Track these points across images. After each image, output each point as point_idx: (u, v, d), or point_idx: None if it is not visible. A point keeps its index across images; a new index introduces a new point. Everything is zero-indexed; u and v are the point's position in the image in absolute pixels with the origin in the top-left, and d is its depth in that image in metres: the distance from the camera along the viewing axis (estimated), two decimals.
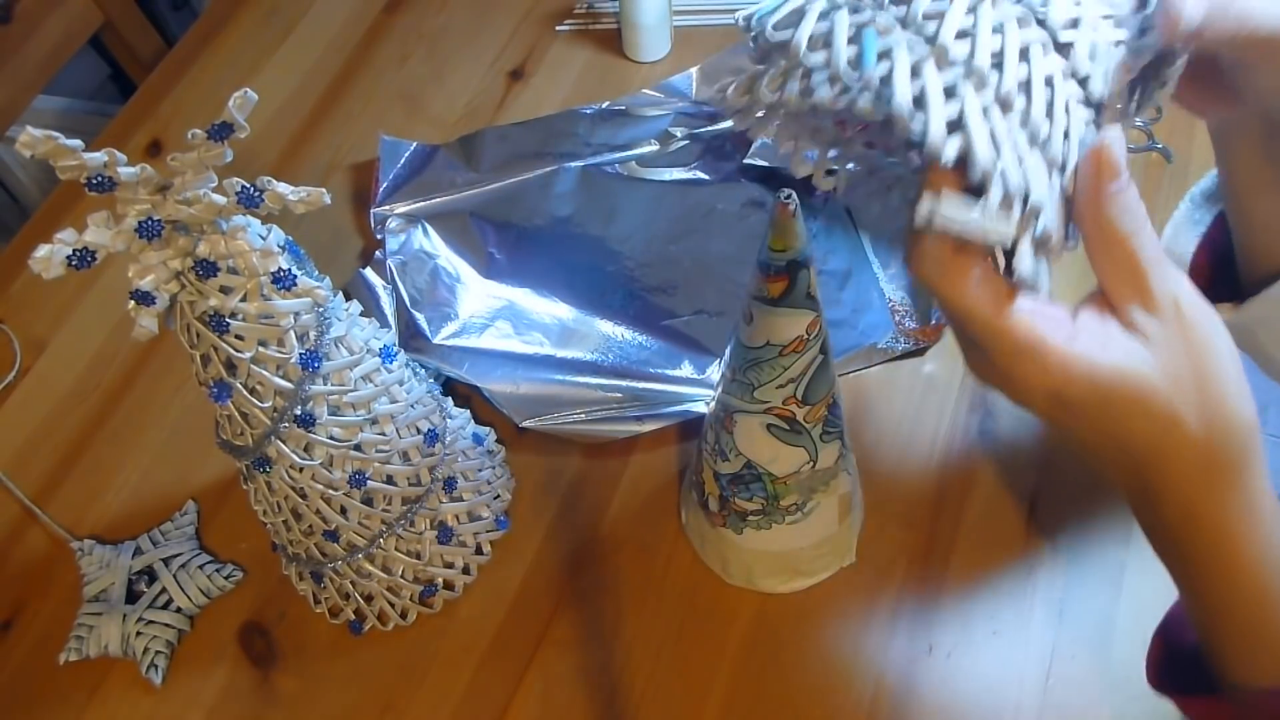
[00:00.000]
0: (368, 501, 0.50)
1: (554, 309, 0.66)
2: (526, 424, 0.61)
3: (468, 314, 0.65)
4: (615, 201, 0.70)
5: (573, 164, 0.72)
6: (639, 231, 0.69)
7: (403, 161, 0.72)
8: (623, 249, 0.68)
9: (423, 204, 0.70)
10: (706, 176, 0.71)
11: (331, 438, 0.47)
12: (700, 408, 0.60)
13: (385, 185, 0.71)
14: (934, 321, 0.63)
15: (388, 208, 0.70)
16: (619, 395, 0.62)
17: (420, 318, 0.64)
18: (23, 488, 0.63)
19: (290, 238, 0.44)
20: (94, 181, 0.36)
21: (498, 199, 0.71)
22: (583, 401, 0.61)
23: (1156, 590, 0.55)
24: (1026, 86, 0.29)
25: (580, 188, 0.71)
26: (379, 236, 0.69)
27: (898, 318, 0.64)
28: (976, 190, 0.29)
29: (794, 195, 0.39)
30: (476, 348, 0.64)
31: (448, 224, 0.69)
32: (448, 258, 0.68)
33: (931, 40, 0.28)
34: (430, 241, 0.68)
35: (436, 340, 0.64)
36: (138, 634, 0.56)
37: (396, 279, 0.66)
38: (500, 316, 0.66)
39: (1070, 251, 0.35)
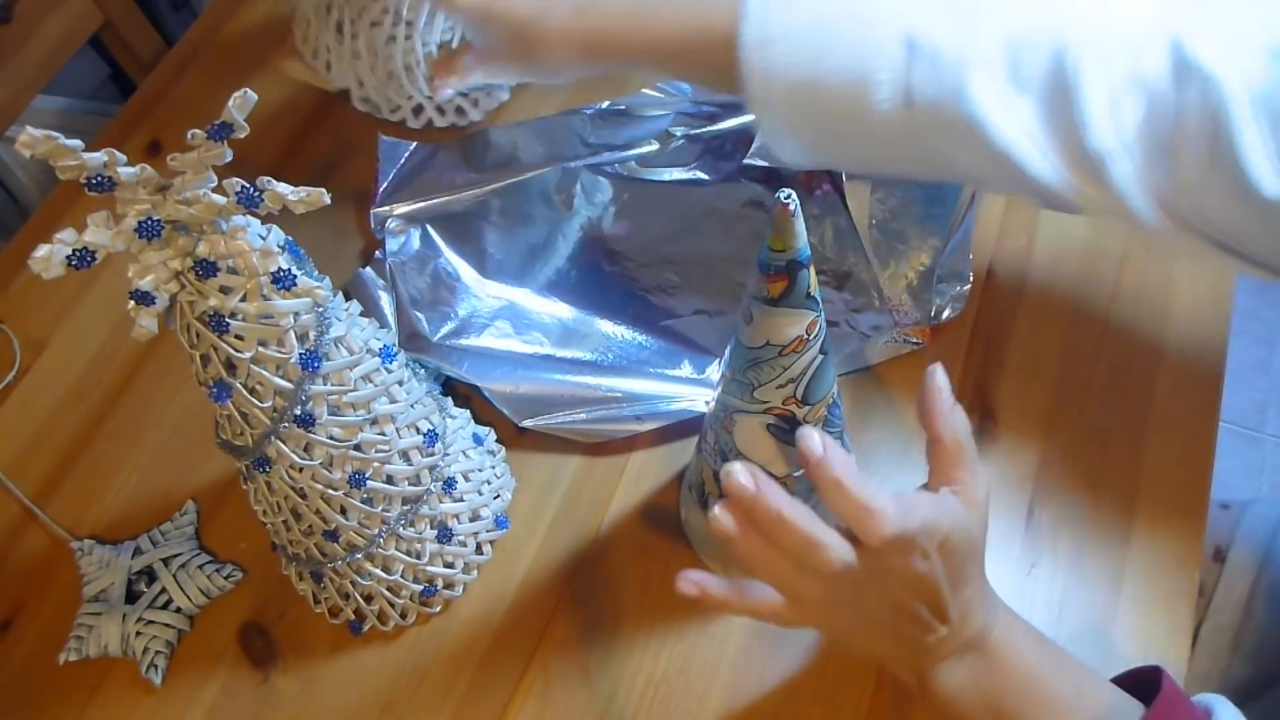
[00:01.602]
0: (368, 501, 0.50)
1: (554, 309, 0.66)
2: (526, 424, 0.61)
3: (468, 314, 0.65)
4: (615, 202, 0.70)
5: (572, 164, 0.71)
6: (639, 231, 0.69)
7: (403, 161, 0.72)
8: (623, 249, 0.68)
9: (423, 204, 0.70)
10: (706, 176, 0.71)
11: (331, 438, 0.47)
12: (700, 407, 0.60)
13: (385, 185, 0.71)
14: (933, 321, 0.63)
15: (388, 208, 0.70)
16: (619, 395, 0.62)
17: (420, 318, 0.64)
18: (23, 488, 0.63)
19: (290, 238, 0.44)
20: (94, 181, 0.36)
21: (497, 199, 0.71)
22: (582, 401, 0.62)
23: (1156, 590, 0.55)
24: None
25: (579, 188, 0.71)
26: (379, 236, 0.68)
27: (897, 317, 0.64)
28: None
29: (794, 195, 0.39)
30: (476, 347, 0.64)
31: (448, 224, 0.69)
32: (448, 258, 0.68)
33: None
34: (430, 241, 0.68)
35: (436, 340, 0.64)
36: (137, 634, 0.56)
37: (396, 279, 0.66)
38: (500, 316, 0.66)
39: None
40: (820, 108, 0.49)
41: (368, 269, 0.67)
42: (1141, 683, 0.44)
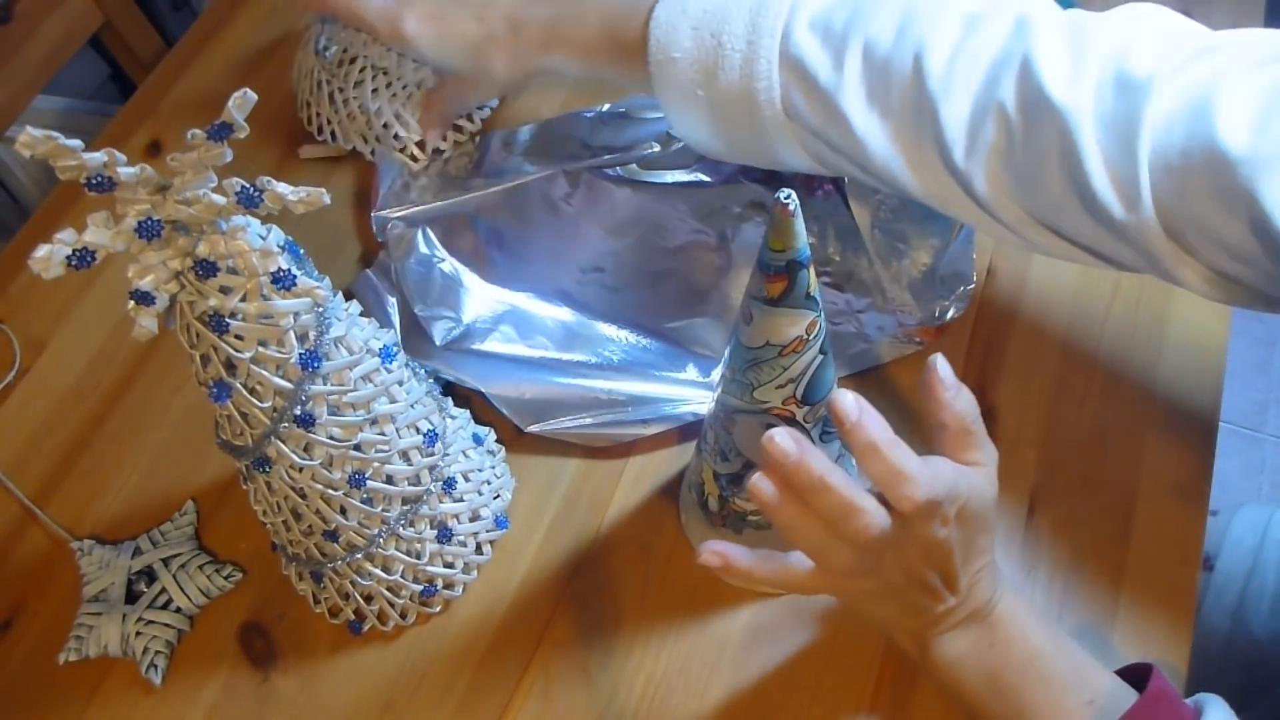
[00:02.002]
0: (368, 501, 0.50)
1: (556, 313, 0.66)
2: (531, 429, 0.60)
3: (471, 318, 0.65)
4: (616, 204, 0.70)
5: (573, 166, 0.71)
6: (640, 234, 0.69)
7: (398, 166, 0.72)
8: (624, 252, 0.68)
9: (423, 208, 0.70)
10: (707, 178, 0.71)
11: (331, 438, 0.47)
12: (705, 410, 0.60)
13: (385, 190, 0.71)
14: (937, 321, 0.63)
15: (388, 212, 0.70)
16: (623, 399, 0.62)
17: (423, 322, 0.64)
18: (23, 488, 0.63)
19: (290, 238, 0.44)
20: (93, 181, 0.36)
21: (499, 203, 0.71)
22: (587, 405, 0.61)
23: (1156, 591, 0.55)
24: None
25: (580, 190, 0.71)
26: (380, 240, 0.68)
27: (899, 317, 0.64)
28: None
29: (794, 195, 0.39)
30: (480, 351, 0.64)
31: (449, 228, 0.69)
32: (450, 262, 0.68)
33: None
34: (432, 246, 0.68)
35: (440, 345, 0.64)
36: (137, 634, 0.56)
37: (400, 283, 0.66)
38: (503, 321, 0.65)
39: None
40: (719, 120, 0.55)
41: (371, 272, 0.67)
42: (1135, 680, 0.45)
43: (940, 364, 0.43)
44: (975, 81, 0.48)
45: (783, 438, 0.39)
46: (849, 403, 0.39)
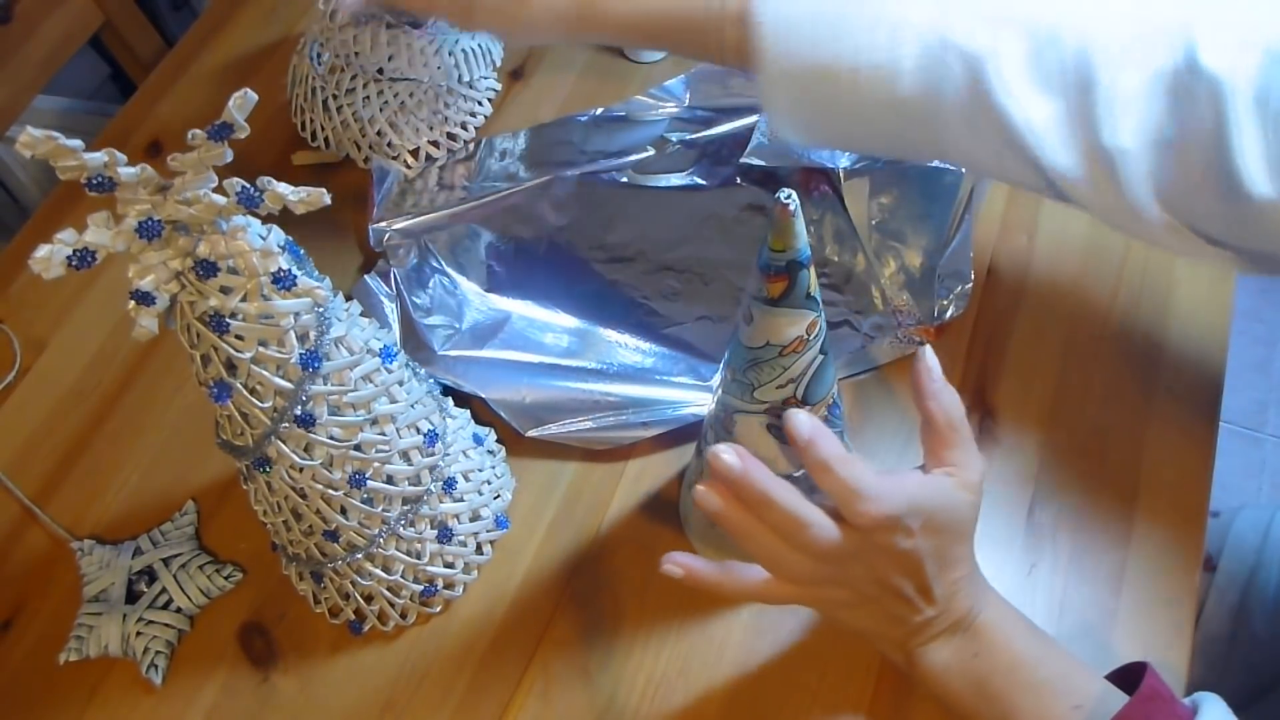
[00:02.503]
0: (368, 501, 0.50)
1: (556, 319, 0.66)
2: (532, 434, 0.60)
3: (470, 326, 0.65)
4: (613, 209, 0.70)
5: (568, 172, 0.71)
6: (637, 239, 0.69)
7: (393, 176, 0.72)
8: (622, 257, 0.68)
9: (421, 219, 0.70)
10: (704, 182, 0.71)
11: (331, 438, 0.47)
12: (705, 411, 0.60)
13: (381, 199, 0.71)
14: (937, 321, 0.63)
15: (385, 224, 0.70)
16: (624, 402, 0.62)
17: (424, 331, 0.64)
18: (23, 488, 0.63)
19: (290, 238, 0.44)
20: (94, 181, 0.36)
21: (495, 211, 0.71)
22: (587, 408, 0.61)
23: (1156, 591, 0.55)
24: None
25: (577, 196, 0.71)
26: (378, 250, 0.68)
27: (898, 318, 0.64)
28: None
29: (794, 196, 0.39)
30: (481, 358, 0.64)
31: (446, 238, 0.69)
32: (448, 272, 0.68)
33: None
34: (430, 256, 0.68)
35: (441, 353, 0.63)
36: (138, 634, 0.56)
37: (399, 292, 0.66)
38: (503, 328, 0.65)
39: None
40: (835, 91, 0.50)
41: (370, 277, 0.67)
42: (1131, 680, 0.45)
43: (929, 355, 0.44)
44: (1137, 58, 0.46)
45: (727, 453, 0.40)
46: (802, 422, 0.40)
